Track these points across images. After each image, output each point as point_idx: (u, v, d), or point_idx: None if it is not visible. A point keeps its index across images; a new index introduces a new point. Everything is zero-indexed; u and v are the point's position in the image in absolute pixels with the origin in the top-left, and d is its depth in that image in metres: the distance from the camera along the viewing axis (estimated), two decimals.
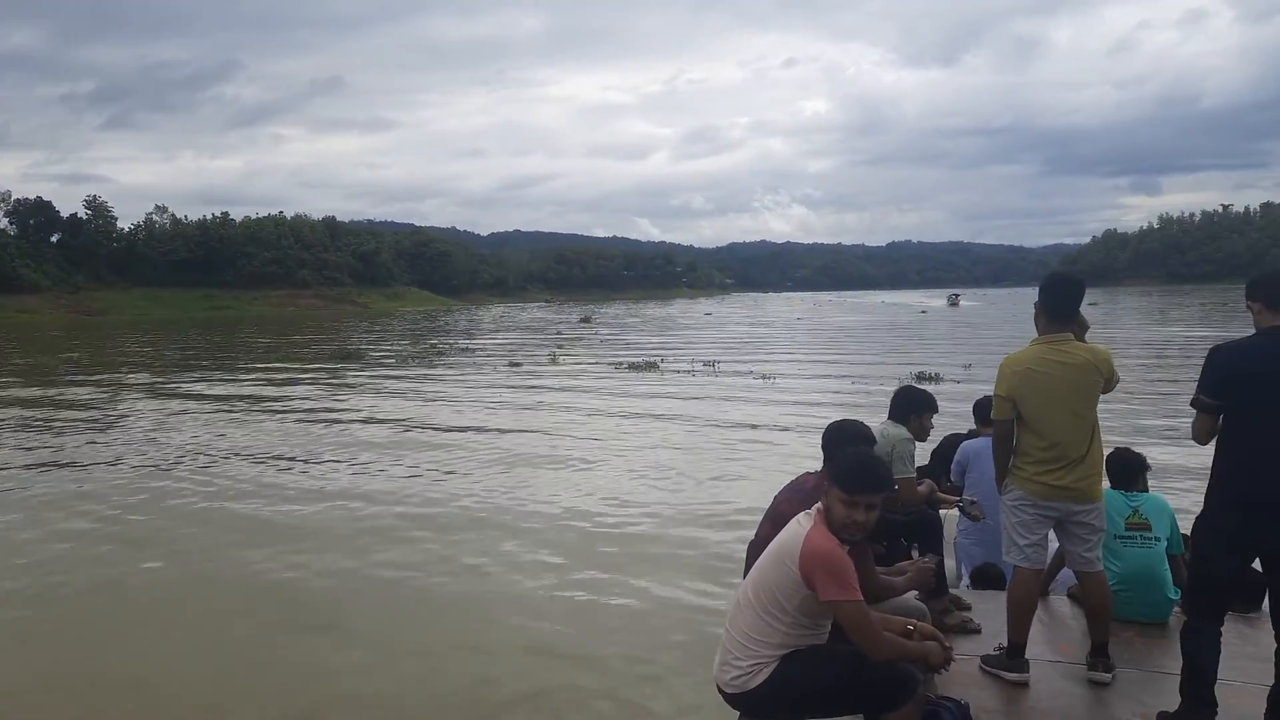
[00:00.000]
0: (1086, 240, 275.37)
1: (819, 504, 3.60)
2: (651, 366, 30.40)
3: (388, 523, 10.46)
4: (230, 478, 13.00)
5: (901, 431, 5.12)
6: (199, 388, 26.20)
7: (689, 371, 28.96)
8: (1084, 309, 4.49)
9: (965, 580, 6.16)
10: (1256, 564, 4.01)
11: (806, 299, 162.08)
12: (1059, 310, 4.40)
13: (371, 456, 14.60)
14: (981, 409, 6.35)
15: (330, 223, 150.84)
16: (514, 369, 31.05)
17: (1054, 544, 4.68)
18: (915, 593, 4.38)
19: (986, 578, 5.78)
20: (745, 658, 3.53)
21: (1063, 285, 4.44)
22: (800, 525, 3.57)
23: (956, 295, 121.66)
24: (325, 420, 18.78)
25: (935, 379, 23.09)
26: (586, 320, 75.62)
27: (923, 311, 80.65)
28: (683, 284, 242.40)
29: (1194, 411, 4.00)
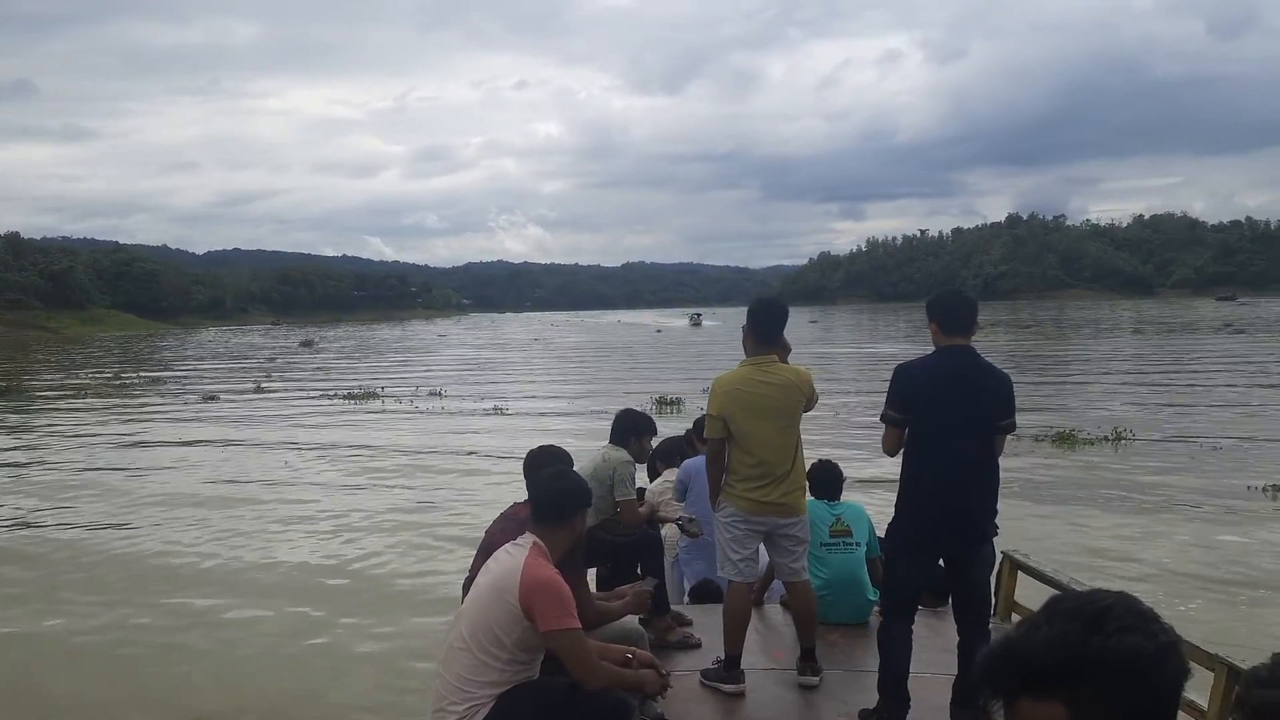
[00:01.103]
0: (804, 262, 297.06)
1: (530, 533, 3.53)
2: (370, 396, 28.30)
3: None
4: None
5: (622, 455, 5.16)
6: None
7: (411, 399, 27.16)
8: (806, 326, 4.73)
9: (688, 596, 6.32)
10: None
11: (544, 319, 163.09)
12: (765, 333, 4.59)
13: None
14: (699, 427, 6.53)
15: (13, 239, 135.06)
16: (208, 402, 27.91)
17: (765, 557, 4.88)
18: (636, 616, 4.41)
19: (707, 592, 5.95)
20: (461, 701, 3.38)
21: (768, 310, 4.64)
22: (513, 556, 3.47)
23: (699, 315, 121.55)
24: None
25: (677, 404, 22.40)
26: (308, 344, 70.93)
27: (658, 331, 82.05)
28: (418, 305, 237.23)
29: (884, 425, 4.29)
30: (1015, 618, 5.68)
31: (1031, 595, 5.78)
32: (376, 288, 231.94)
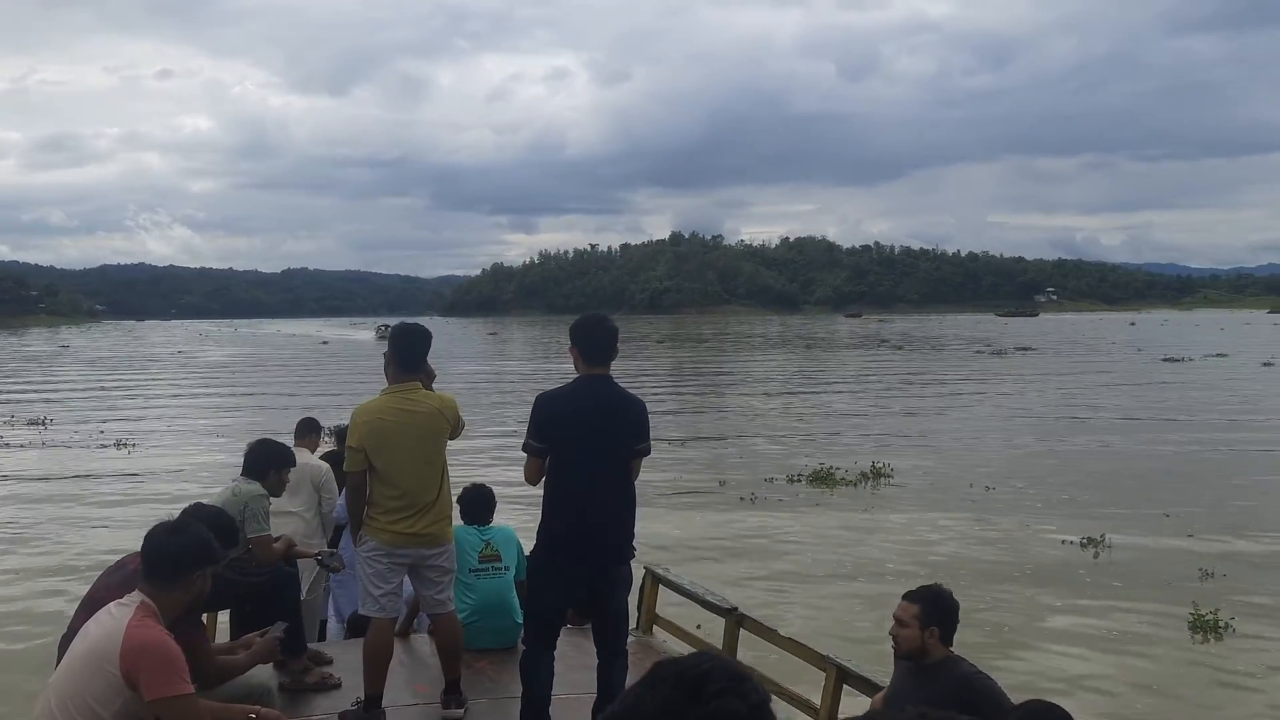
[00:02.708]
0: (476, 272, 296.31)
1: (138, 590, 3.16)
2: None
3: None
4: None
5: (255, 488, 4.83)
6: None
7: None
8: (485, 339, 4.64)
9: (341, 631, 6.03)
10: None
11: (191, 328, 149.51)
12: (407, 360, 4.48)
13: None
14: (335, 459, 6.13)
15: None
16: None
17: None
18: (269, 665, 4.12)
19: (361, 625, 5.69)
20: None
21: (410, 336, 4.53)
22: (115, 617, 3.09)
23: (387, 326, 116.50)
24: None
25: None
26: None
27: (324, 343, 78.10)
28: (40, 310, 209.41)
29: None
30: (657, 630, 5.96)
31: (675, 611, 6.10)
32: None
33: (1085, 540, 10.99)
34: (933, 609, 3.72)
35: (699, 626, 6.11)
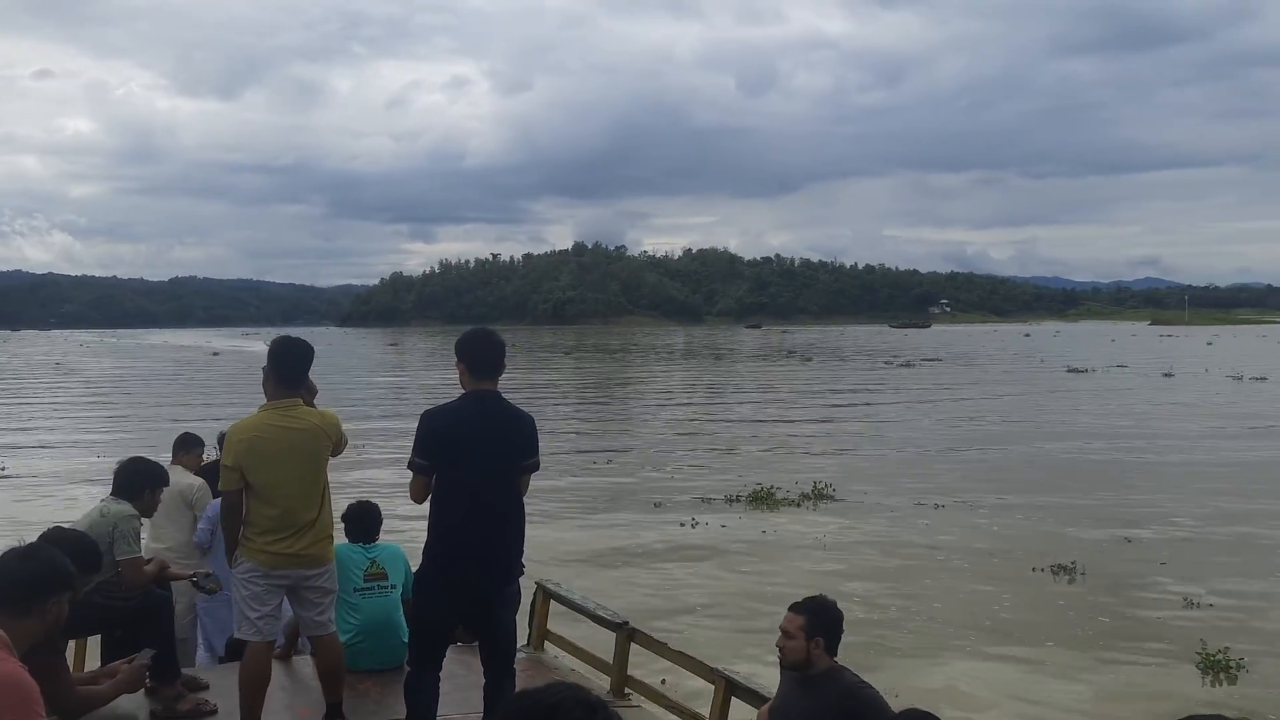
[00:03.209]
0: (375, 281, 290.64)
1: None
2: None
3: None
4: None
5: (125, 508, 4.62)
6: None
7: None
8: (385, 350, 4.53)
9: (218, 654, 5.80)
10: None
11: (72, 339, 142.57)
12: (287, 375, 4.36)
13: None
14: (209, 473, 5.92)
15: None
16: None
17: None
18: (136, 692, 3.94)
19: (238, 649, 5.50)
20: None
21: (290, 350, 4.42)
22: None
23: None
24: None
25: None
26: None
27: (215, 354, 75.18)
28: None
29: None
30: (549, 646, 5.91)
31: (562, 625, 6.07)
32: None
33: (1057, 567, 10.48)
34: (818, 620, 3.77)
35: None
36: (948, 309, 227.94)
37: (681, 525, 12.66)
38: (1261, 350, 66.83)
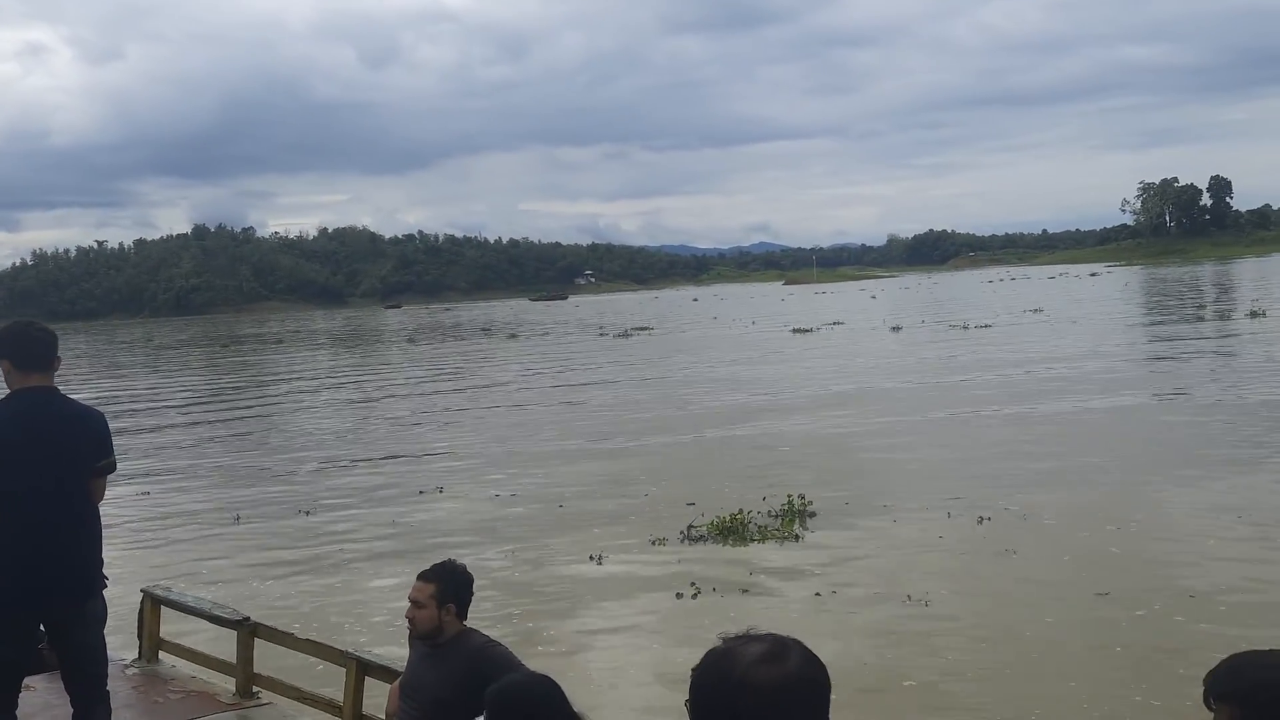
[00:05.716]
0: None
1: None
2: None
3: None
4: None
5: None
6: None
7: None
8: None
9: None
10: None
11: None
12: None
13: None
14: None
15: None
16: None
17: None
18: None
19: None
20: None
21: None
22: None
23: None
24: None
25: None
26: None
27: None
28: None
29: None
30: (164, 656, 5.42)
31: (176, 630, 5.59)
32: None
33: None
34: (449, 585, 3.73)
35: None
36: (593, 279, 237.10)
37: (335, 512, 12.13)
38: (911, 300, 71.64)
